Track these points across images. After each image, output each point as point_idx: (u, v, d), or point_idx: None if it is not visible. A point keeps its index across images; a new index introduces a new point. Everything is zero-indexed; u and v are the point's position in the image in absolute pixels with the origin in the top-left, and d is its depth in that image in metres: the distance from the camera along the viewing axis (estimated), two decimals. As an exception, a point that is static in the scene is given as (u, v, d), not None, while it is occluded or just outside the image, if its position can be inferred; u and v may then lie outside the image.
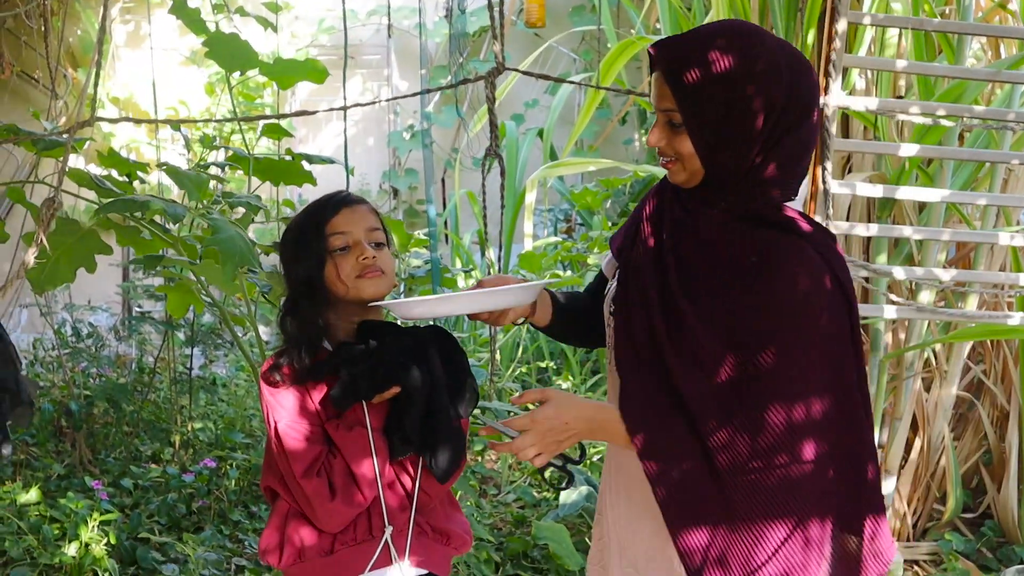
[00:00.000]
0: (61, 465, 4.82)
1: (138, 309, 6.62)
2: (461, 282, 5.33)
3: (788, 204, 1.71)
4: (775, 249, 1.63)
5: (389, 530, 1.83)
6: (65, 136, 2.33)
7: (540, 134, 7.16)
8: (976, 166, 3.86)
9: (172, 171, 2.48)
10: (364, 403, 1.79)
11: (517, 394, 1.89)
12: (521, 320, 1.93)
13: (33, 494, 4.28)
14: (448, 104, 7.82)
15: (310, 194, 6.99)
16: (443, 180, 8.02)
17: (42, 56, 5.59)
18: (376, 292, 1.84)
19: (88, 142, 3.62)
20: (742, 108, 1.60)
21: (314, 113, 2.36)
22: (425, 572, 1.89)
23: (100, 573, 3.62)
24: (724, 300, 1.64)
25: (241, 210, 2.75)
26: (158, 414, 5.38)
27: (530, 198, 5.75)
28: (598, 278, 2.03)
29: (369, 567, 1.83)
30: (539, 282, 1.85)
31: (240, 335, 4.94)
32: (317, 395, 1.81)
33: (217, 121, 2.55)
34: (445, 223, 7.57)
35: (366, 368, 1.74)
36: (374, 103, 2.50)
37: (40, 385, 5.29)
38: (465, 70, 7.64)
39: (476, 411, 1.83)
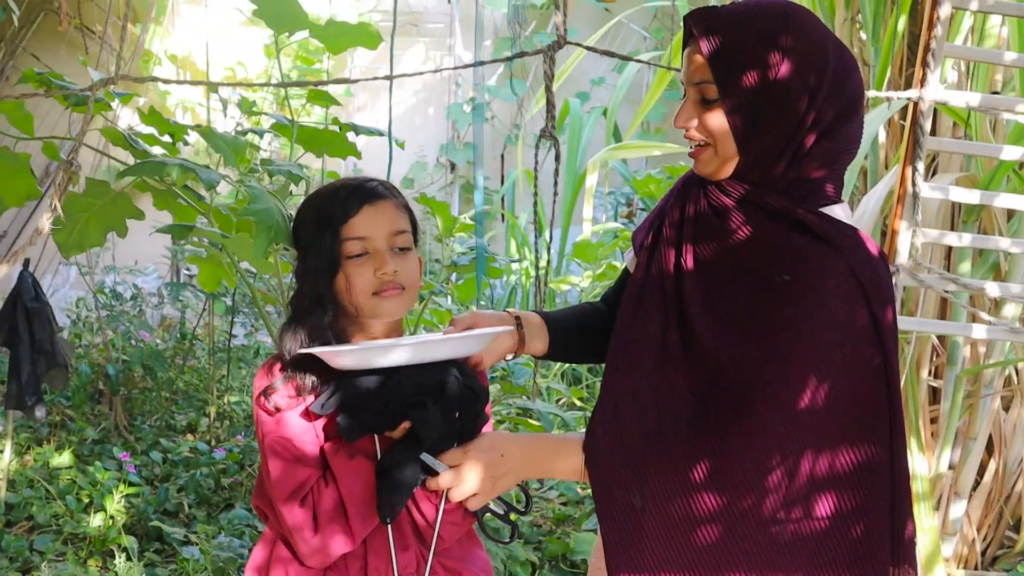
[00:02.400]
0: (96, 430, 4.73)
1: (186, 272, 6.53)
2: (515, 269, 5.15)
3: (831, 207, 1.51)
4: (810, 270, 1.42)
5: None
6: (97, 92, 2.15)
7: (605, 113, 6.91)
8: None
9: (206, 132, 2.30)
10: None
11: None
12: (510, 357, 1.72)
13: (66, 458, 4.20)
14: (514, 78, 7.61)
15: (363, 166, 6.81)
16: (502, 156, 7.82)
17: (101, 8, 5.48)
18: (395, 312, 1.60)
19: (138, 98, 3.49)
20: (784, 82, 1.42)
21: (355, 81, 2.17)
22: None
23: (121, 547, 3.50)
24: (746, 318, 1.44)
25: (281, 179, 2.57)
26: (195, 383, 5.26)
27: (591, 180, 5.53)
28: (623, 275, 1.83)
29: None
30: (491, 330, 1.59)
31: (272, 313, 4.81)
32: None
33: (257, 85, 2.37)
34: (503, 201, 7.38)
35: (378, 404, 1.47)
36: (421, 73, 2.31)
37: (78, 346, 5.20)
38: (530, 43, 7.41)
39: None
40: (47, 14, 6.38)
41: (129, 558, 3.33)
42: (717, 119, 1.47)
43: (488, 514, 1.58)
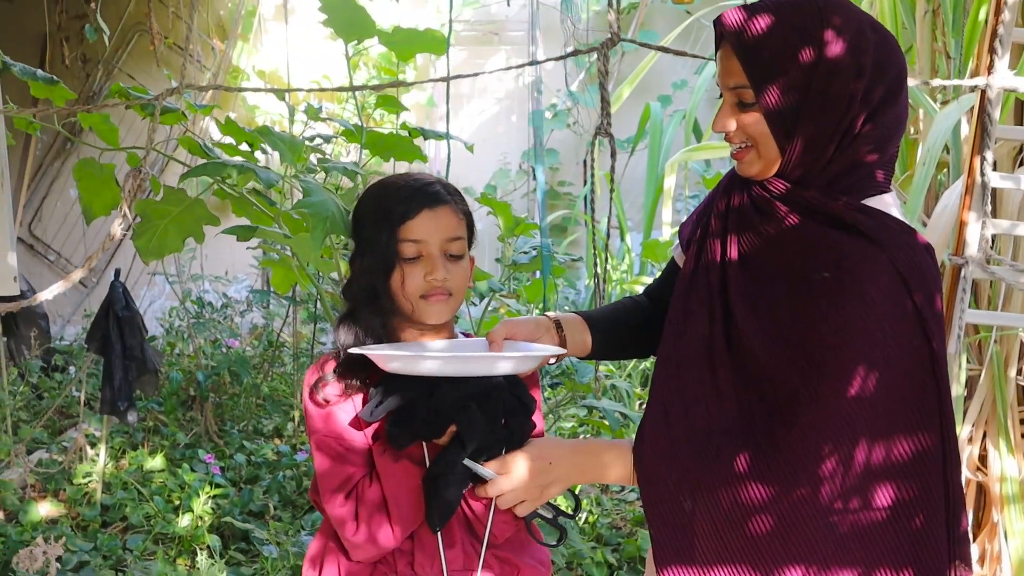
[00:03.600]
0: (187, 435, 4.87)
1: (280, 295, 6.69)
2: (583, 272, 5.07)
3: (880, 196, 1.47)
4: (850, 266, 1.38)
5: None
6: (165, 100, 2.23)
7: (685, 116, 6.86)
8: None
9: (265, 131, 2.36)
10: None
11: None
12: (553, 361, 1.71)
13: (158, 461, 4.33)
14: (593, 84, 7.60)
15: (442, 172, 6.88)
16: (584, 162, 7.80)
17: (191, 27, 5.66)
18: (439, 317, 1.61)
19: (230, 113, 3.59)
20: (823, 73, 1.38)
21: (415, 84, 2.20)
22: None
23: (206, 546, 3.60)
24: (788, 317, 1.41)
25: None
26: (282, 389, 5.38)
27: (669, 183, 5.49)
28: (669, 267, 1.81)
29: None
30: (544, 351, 1.57)
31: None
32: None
33: (326, 90, 2.43)
34: (585, 205, 7.37)
35: (426, 413, 1.48)
36: (478, 74, 2.34)
37: (169, 355, 5.36)
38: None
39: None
40: (141, 34, 6.61)
41: (212, 556, 3.42)
42: (756, 122, 1.45)
43: (537, 518, 1.58)
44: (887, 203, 1.48)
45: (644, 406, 1.55)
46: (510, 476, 1.49)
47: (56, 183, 6.83)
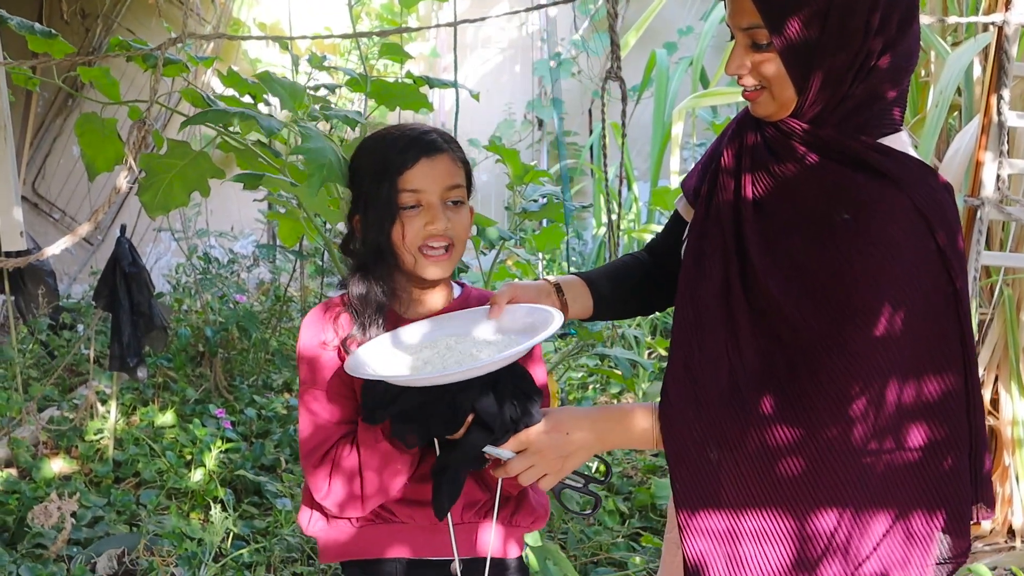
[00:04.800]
0: (197, 390, 4.88)
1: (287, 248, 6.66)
2: (591, 222, 5.05)
3: (897, 135, 1.43)
4: (871, 208, 1.35)
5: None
6: (167, 51, 2.20)
7: (692, 63, 6.78)
8: None
9: (264, 77, 2.32)
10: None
11: None
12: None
13: (169, 417, 4.34)
14: (599, 31, 7.51)
15: (448, 123, 6.81)
16: (590, 112, 7.74)
17: (188, -21, 5.58)
18: (439, 274, 1.60)
19: (218, 62, 3.54)
20: (841, 7, 1.34)
21: (419, 30, 2.16)
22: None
23: (219, 500, 3.61)
24: (808, 262, 1.38)
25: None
26: (290, 343, 5.38)
27: (677, 130, 5.44)
28: (673, 220, 1.78)
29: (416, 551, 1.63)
30: (539, 338, 1.47)
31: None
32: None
33: (327, 37, 2.38)
34: (591, 154, 7.32)
35: (445, 411, 1.44)
36: (484, 19, 2.29)
37: (177, 311, 5.35)
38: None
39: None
40: (140, -12, 6.54)
41: (225, 510, 3.43)
42: (771, 64, 1.40)
43: (567, 490, 1.57)
44: (904, 141, 1.45)
45: (653, 354, 1.53)
46: (528, 453, 1.47)
47: (59, 140, 6.78)
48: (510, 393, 1.46)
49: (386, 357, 1.53)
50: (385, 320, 1.58)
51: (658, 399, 1.50)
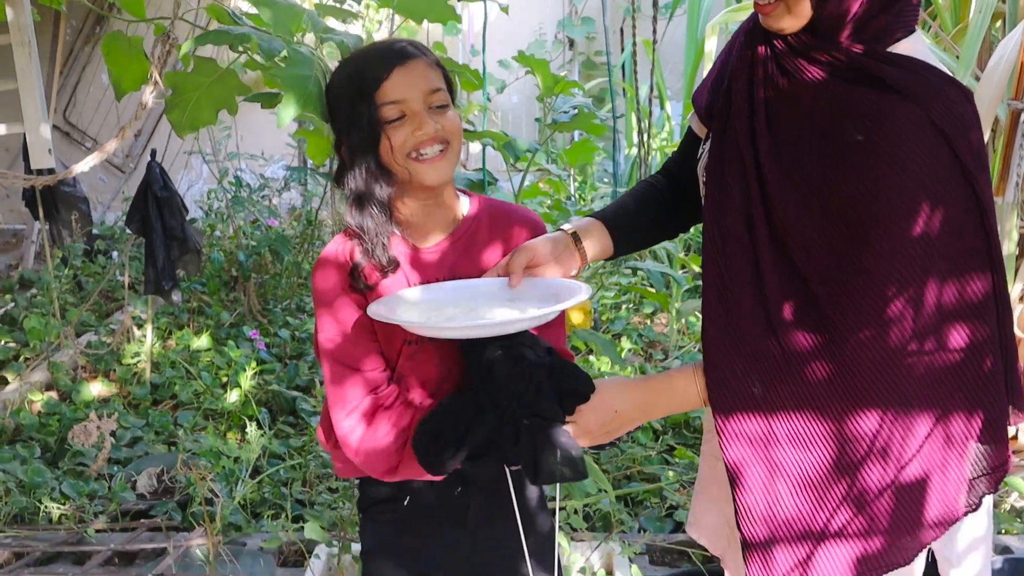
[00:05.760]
0: (231, 315, 4.91)
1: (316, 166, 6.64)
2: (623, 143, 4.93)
3: (911, 38, 1.38)
4: (883, 127, 1.30)
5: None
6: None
7: (727, -23, 6.62)
8: None
9: (261, -1, 2.26)
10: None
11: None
12: (574, 272, 1.63)
13: (204, 341, 4.38)
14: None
15: (477, 44, 6.70)
16: (621, 30, 7.60)
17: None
18: (439, 177, 1.53)
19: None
20: None
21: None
22: None
23: (254, 419, 3.66)
24: (823, 185, 1.34)
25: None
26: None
27: (710, 46, 5.32)
28: (687, 139, 1.72)
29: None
30: (563, 305, 1.45)
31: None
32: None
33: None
34: (622, 73, 7.21)
35: (510, 433, 1.42)
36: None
37: (207, 235, 5.37)
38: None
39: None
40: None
41: (260, 428, 3.47)
42: None
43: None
44: (920, 45, 1.39)
45: (686, 271, 1.50)
46: (578, 431, 1.46)
47: (88, 68, 6.77)
48: (554, 385, 1.45)
49: (406, 312, 1.51)
50: (390, 250, 1.54)
51: (691, 317, 1.47)
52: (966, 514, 1.38)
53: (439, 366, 1.57)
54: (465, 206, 1.64)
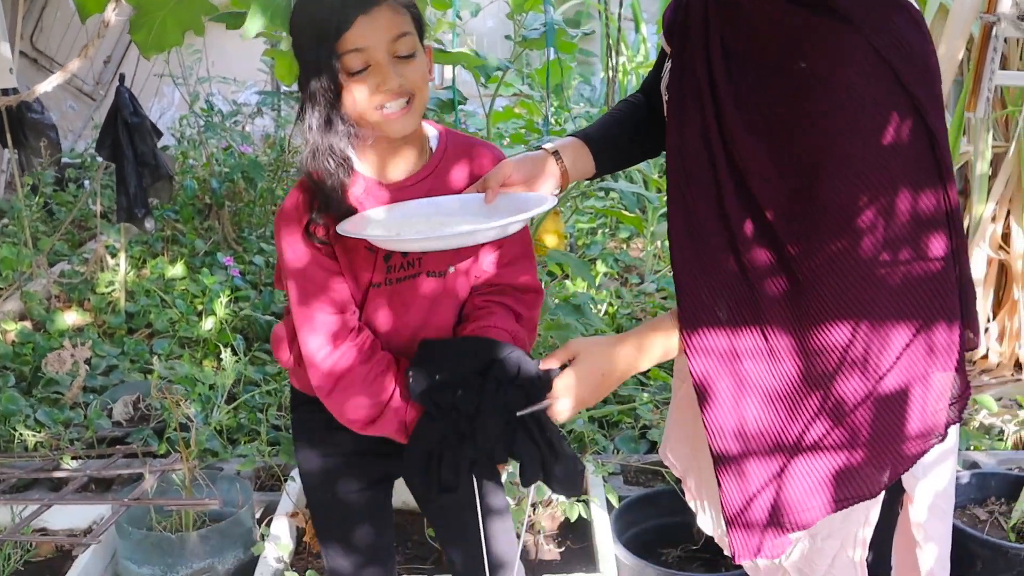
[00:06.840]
0: (205, 243, 4.88)
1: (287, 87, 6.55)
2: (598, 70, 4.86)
3: None
4: (821, 54, 1.29)
5: None
6: None
7: None
8: None
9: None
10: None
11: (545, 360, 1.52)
12: (557, 191, 1.62)
13: (179, 269, 4.36)
14: None
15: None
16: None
17: None
18: (403, 130, 1.48)
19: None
20: None
21: None
22: None
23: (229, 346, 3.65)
24: (774, 116, 1.33)
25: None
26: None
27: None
28: (660, 56, 1.70)
29: None
30: (530, 214, 1.46)
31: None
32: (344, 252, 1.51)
33: None
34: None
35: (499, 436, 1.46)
36: None
37: (180, 163, 5.31)
38: None
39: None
40: None
41: (236, 354, 3.47)
42: None
43: None
44: None
45: (662, 194, 1.49)
46: (566, 400, 1.46)
47: (54, -9, 6.62)
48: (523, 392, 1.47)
49: (375, 228, 1.49)
50: (347, 200, 1.51)
51: (666, 240, 1.47)
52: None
53: (407, 309, 1.56)
54: (432, 139, 1.61)
